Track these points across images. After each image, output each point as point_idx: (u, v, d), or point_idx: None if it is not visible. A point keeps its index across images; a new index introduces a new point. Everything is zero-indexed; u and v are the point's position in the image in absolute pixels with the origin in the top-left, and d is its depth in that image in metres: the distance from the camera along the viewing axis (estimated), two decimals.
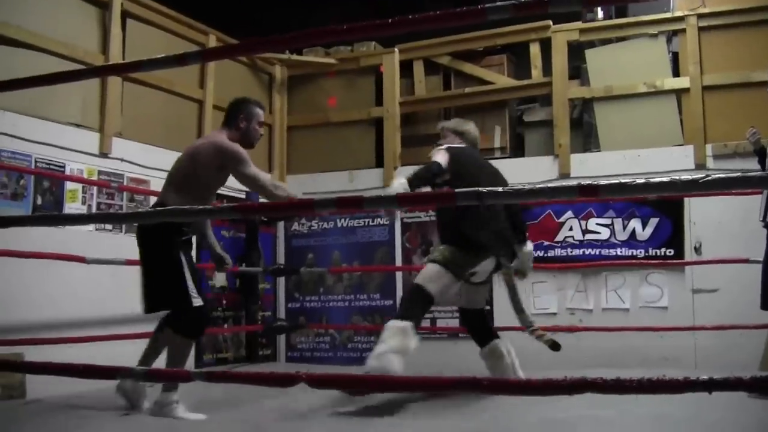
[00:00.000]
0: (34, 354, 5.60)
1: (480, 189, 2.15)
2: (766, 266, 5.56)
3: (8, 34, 6.13)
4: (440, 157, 5.29)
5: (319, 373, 2.32)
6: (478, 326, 5.71)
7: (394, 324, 4.97)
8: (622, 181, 2.12)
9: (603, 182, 2.23)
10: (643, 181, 2.13)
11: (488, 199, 2.19)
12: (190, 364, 7.54)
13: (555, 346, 5.34)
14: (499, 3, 2.27)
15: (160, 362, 5.16)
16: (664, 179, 2.10)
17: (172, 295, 4.95)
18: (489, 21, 2.35)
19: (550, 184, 2.28)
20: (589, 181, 2.23)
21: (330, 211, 4.15)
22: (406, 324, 4.94)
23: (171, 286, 4.94)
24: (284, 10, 10.92)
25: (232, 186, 8.25)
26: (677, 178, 2.11)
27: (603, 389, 2.11)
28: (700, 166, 7.46)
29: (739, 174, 2.07)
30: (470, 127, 5.91)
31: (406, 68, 9.09)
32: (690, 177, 2.11)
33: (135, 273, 6.60)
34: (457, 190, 2.35)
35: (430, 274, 5.18)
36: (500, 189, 2.14)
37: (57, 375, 2.99)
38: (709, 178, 2.09)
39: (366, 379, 2.33)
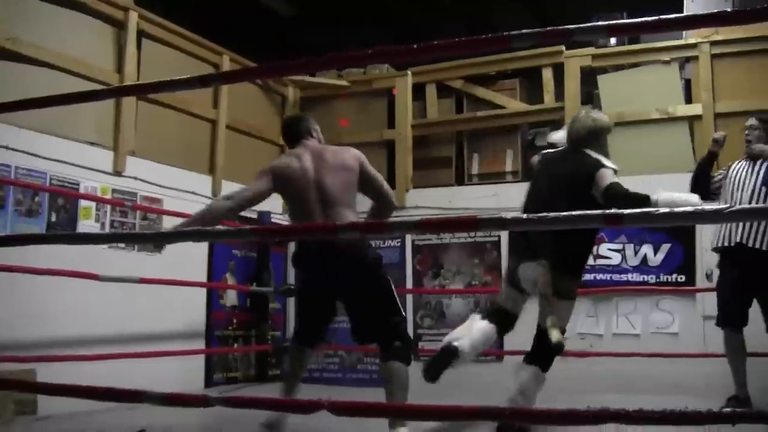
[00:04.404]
0: (46, 370, 5.63)
1: (504, 216, 2.16)
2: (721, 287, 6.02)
3: (23, 51, 6.18)
4: None
5: (342, 401, 2.33)
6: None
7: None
8: (647, 210, 2.13)
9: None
10: (667, 210, 2.13)
11: (512, 226, 2.20)
12: (200, 383, 7.59)
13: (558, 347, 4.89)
14: (524, 31, 2.29)
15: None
16: (689, 209, 2.10)
17: (394, 323, 4.71)
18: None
19: (574, 212, 2.27)
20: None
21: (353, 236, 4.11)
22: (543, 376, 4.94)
23: (391, 314, 4.71)
24: (297, 32, 10.99)
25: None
26: (702, 208, 2.12)
27: (627, 420, 2.10)
28: None
29: (763, 205, 2.07)
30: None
31: (418, 91, 9.12)
32: (715, 207, 2.12)
33: (146, 291, 6.68)
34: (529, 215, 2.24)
35: (567, 314, 5.03)
36: (524, 216, 2.15)
37: (78, 397, 3.00)
38: (734, 208, 2.10)
39: (387, 408, 2.33)
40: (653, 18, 2.15)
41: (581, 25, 2.26)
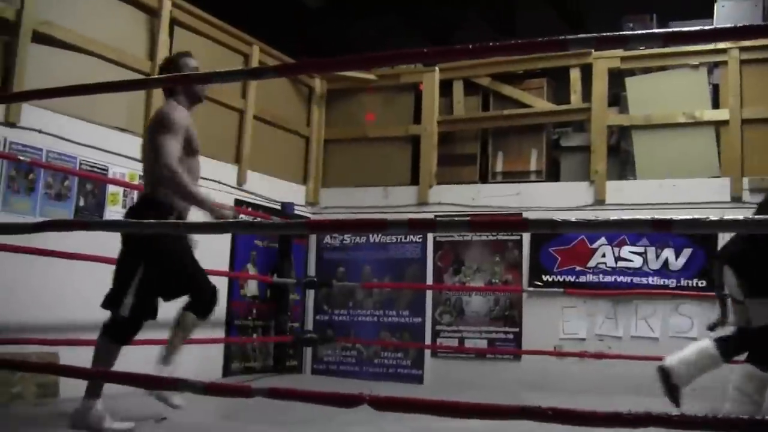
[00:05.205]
0: (68, 354, 5.66)
1: (554, 219, 2.19)
2: None
3: (57, 35, 6.22)
4: None
5: (383, 396, 2.35)
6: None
7: None
8: (697, 217, 2.14)
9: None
10: (716, 218, 2.14)
11: (562, 228, 2.22)
12: (218, 372, 7.63)
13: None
14: (580, 36, 2.30)
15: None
16: (740, 217, 2.12)
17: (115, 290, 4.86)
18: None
19: (624, 218, 2.29)
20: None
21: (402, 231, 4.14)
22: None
23: (121, 280, 4.85)
24: (323, 23, 11.02)
25: (263, 195, 8.36)
26: (750, 217, 2.14)
27: (668, 424, 2.12)
28: (736, 198, 7.44)
29: None
30: None
31: (445, 87, 9.12)
32: (763, 217, 2.14)
33: None
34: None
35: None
36: (573, 219, 2.17)
37: (118, 383, 3.03)
38: None
39: (427, 404, 2.36)
40: (709, 27, 2.16)
41: (637, 32, 2.27)
